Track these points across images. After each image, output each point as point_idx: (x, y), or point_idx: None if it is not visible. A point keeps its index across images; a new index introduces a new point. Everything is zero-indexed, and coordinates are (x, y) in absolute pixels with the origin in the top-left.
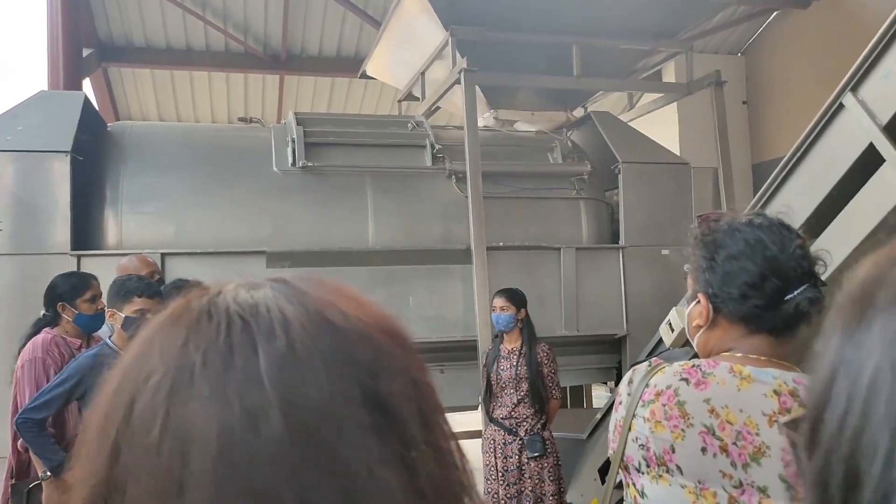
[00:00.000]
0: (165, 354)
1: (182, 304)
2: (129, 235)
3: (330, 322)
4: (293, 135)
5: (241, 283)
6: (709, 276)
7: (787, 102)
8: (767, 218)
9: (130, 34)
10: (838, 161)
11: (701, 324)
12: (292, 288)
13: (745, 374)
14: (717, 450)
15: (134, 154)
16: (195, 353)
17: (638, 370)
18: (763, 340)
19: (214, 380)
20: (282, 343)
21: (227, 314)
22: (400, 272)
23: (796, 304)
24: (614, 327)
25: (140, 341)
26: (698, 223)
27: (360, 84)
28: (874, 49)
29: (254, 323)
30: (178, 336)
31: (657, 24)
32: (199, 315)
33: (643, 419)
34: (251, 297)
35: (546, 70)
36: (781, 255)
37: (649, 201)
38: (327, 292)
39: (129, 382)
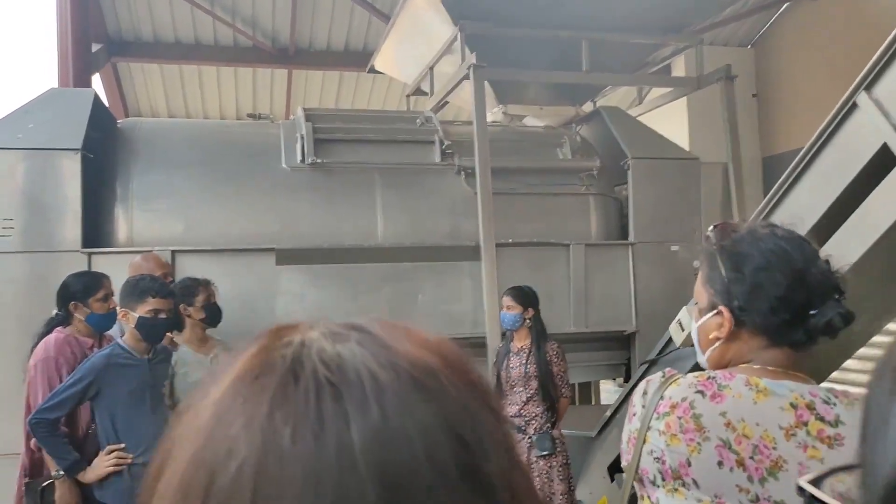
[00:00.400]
0: (249, 426)
1: (260, 355)
2: (140, 233)
3: (423, 388)
4: (302, 131)
5: (323, 330)
6: (734, 289)
7: (797, 95)
8: (786, 229)
9: (139, 29)
10: (851, 161)
11: (720, 336)
12: (377, 342)
13: (761, 386)
14: (733, 464)
15: (144, 151)
16: (283, 427)
17: (652, 381)
18: (783, 353)
19: (306, 459)
20: (376, 416)
21: (314, 378)
22: (409, 269)
23: (829, 320)
24: (623, 324)
25: (218, 401)
26: (716, 233)
27: (368, 78)
28: (889, 48)
29: (345, 390)
30: (262, 402)
31: (666, 17)
32: (285, 377)
33: (658, 432)
34: (337, 354)
35: (555, 65)
36: (808, 268)
37: (659, 197)
38: (416, 347)
39: (210, 453)
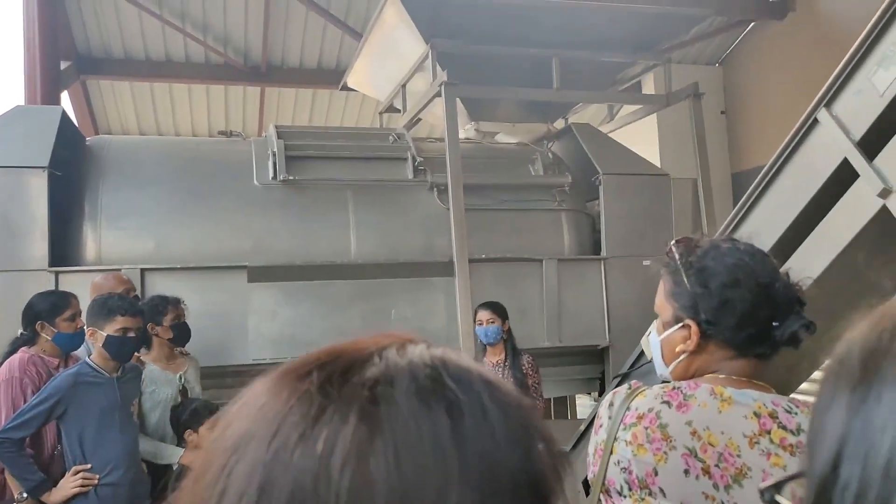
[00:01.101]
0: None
1: (297, 383)
2: (109, 251)
3: (465, 452)
4: (274, 148)
5: (416, 360)
6: (702, 304)
7: (764, 112)
8: (744, 243)
9: (109, 46)
10: (813, 176)
11: (687, 349)
12: (444, 393)
13: (725, 395)
14: (699, 472)
15: (113, 168)
16: (319, 439)
17: (618, 393)
18: (747, 363)
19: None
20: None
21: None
22: (382, 285)
23: (793, 332)
24: (597, 338)
25: (261, 399)
26: (679, 247)
27: (341, 96)
28: (847, 65)
29: (467, 411)
30: (313, 405)
31: (635, 36)
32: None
33: (625, 442)
34: (390, 393)
35: (526, 82)
36: (772, 283)
37: (630, 212)
38: (486, 404)
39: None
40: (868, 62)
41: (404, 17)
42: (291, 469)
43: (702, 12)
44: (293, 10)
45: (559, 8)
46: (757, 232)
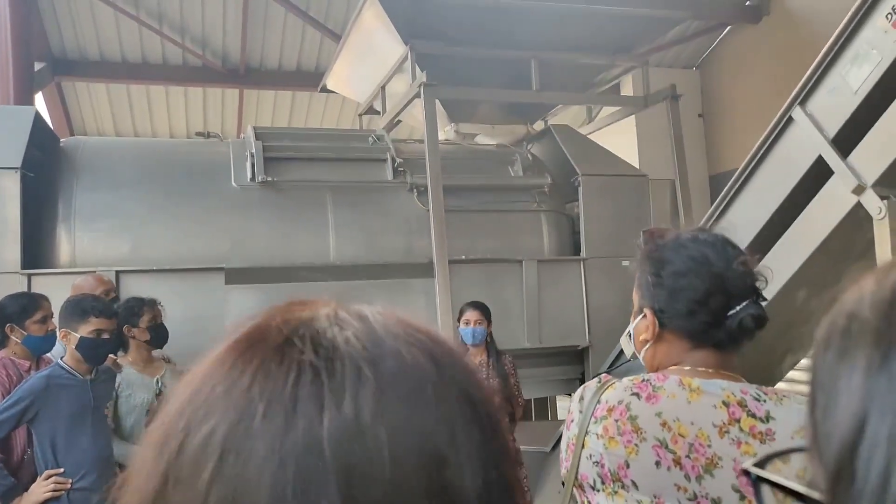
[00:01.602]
0: (228, 394)
1: (261, 325)
2: (83, 253)
3: (406, 395)
4: (252, 149)
5: (330, 312)
6: (655, 292)
7: (740, 114)
8: (712, 234)
9: (84, 47)
10: (789, 173)
11: (647, 338)
12: (377, 342)
13: (694, 386)
14: (670, 463)
15: (87, 170)
16: (259, 400)
17: (588, 387)
18: (709, 354)
19: (272, 437)
20: (349, 411)
21: (298, 361)
22: (362, 287)
23: (739, 321)
24: (577, 338)
25: (211, 361)
26: (644, 238)
27: (320, 98)
28: (821, 63)
29: (326, 378)
30: (246, 373)
31: (614, 39)
32: (272, 353)
33: (596, 436)
34: (332, 343)
35: (506, 84)
36: (726, 272)
37: (609, 213)
38: (415, 354)
39: (190, 411)
40: (841, 60)
41: (383, 19)
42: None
43: (678, 15)
44: (272, 11)
45: (538, 9)
46: (734, 229)
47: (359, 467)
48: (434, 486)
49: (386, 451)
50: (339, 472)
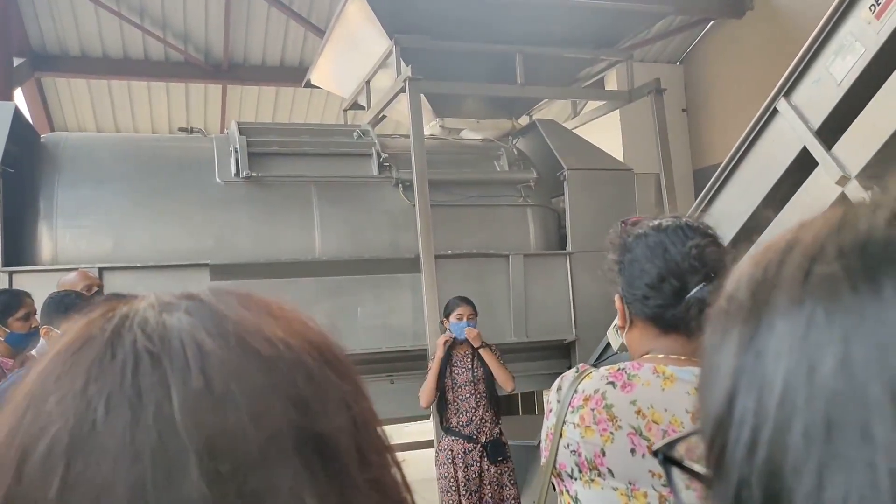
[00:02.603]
0: (63, 401)
1: (81, 333)
2: (65, 250)
3: (255, 352)
4: (236, 145)
5: (152, 301)
6: (619, 279)
7: (724, 109)
8: (677, 221)
9: (65, 43)
10: (774, 165)
11: (621, 325)
12: (210, 311)
13: (667, 373)
14: (645, 450)
15: (69, 166)
16: (97, 399)
17: (566, 377)
18: (677, 340)
19: (121, 431)
20: (198, 383)
21: (133, 350)
22: (348, 282)
23: (688, 305)
24: (563, 332)
25: (35, 377)
26: (620, 228)
27: (304, 93)
28: (805, 55)
29: (165, 360)
30: (78, 378)
31: (598, 33)
32: (101, 351)
33: (573, 425)
34: (162, 324)
35: (491, 78)
36: (679, 256)
37: (594, 207)
38: (252, 313)
39: (22, 432)
40: (825, 52)
41: (367, 13)
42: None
43: (662, 10)
44: (255, 6)
45: (522, 4)
46: (718, 222)
47: (220, 437)
48: (302, 436)
49: (245, 414)
50: (199, 448)
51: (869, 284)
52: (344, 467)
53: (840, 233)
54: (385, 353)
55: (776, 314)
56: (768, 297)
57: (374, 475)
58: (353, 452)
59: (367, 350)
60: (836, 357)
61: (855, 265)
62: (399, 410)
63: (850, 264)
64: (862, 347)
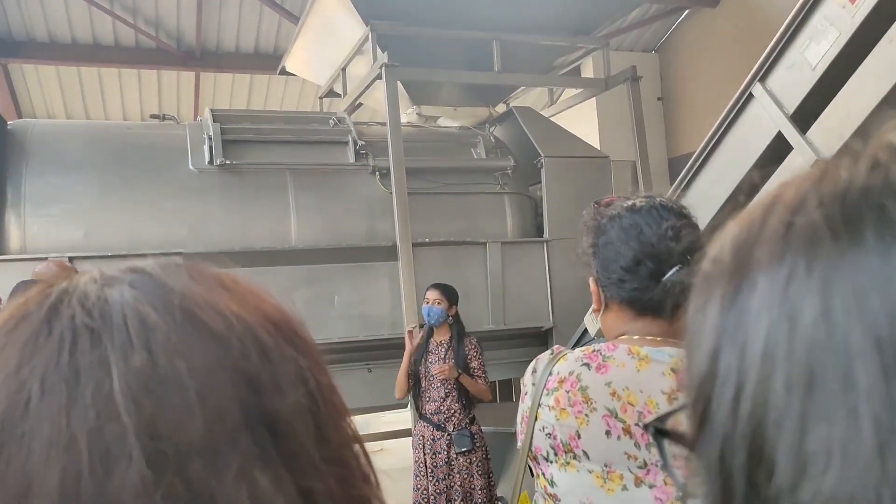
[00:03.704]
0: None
1: (18, 310)
2: (34, 239)
3: (204, 326)
4: (209, 132)
5: (94, 276)
6: (594, 262)
7: (699, 98)
8: (651, 201)
9: (32, 28)
10: (749, 149)
11: (596, 308)
12: (157, 284)
13: (642, 354)
14: (620, 432)
15: (37, 153)
16: (30, 379)
17: (541, 359)
18: (652, 322)
19: (56, 413)
20: (141, 359)
21: (71, 326)
22: (324, 271)
23: (664, 286)
24: (540, 320)
25: None
26: (593, 209)
27: (279, 81)
28: (780, 40)
29: (106, 336)
30: (11, 357)
31: (574, 20)
32: (37, 328)
33: (548, 408)
34: (104, 299)
35: (467, 66)
36: (654, 238)
37: (571, 194)
38: (203, 286)
39: None
40: (800, 37)
41: (342, 0)
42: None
43: None
44: None
45: None
46: (695, 207)
47: (163, 417)
48: (253, 413)
49: (193, 391)
50: (140, 429)
51: (849, 232)
52: (300, 445)
53: (821, 184)
54: (362, 342)
55: (758, 270)
56: (751, 254)
57: (333, 452)
58: (311, 430)
59: (345, 339)
60: (816, 307)
61: (835, 213)
62: (377, 399)
63: (830, 213)
64: (842, 295)
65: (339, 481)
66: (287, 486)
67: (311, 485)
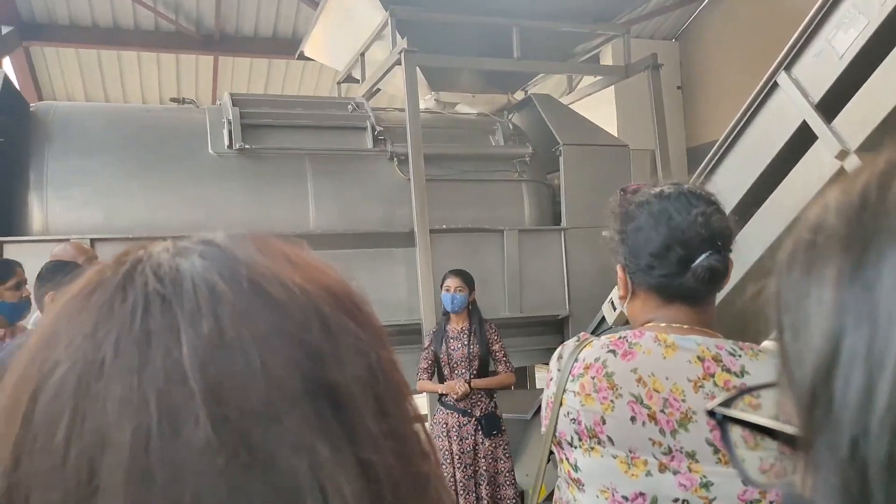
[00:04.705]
0: (72, 343)
1: (95, 276)
2: (56, 221)
3: (268, 296)
4: (229, 116)
5: (167, 246)
6: (622, 249)
7: (718, 87)
8: (679, 188)
9: (54, 11)
10: (773, 138)
11: (623, 295)
12: (226, 255)
13: (669, 342)
14: (645, 418)
15: (60, 135)
16: (105, 342)
17: (567, 346)
18: (679, 309)
19: (128, 374)
20: (209, 326)
21: (144, 293)
22: (342, 256)
23: (694, 272)
24: (557, 308)
25: (47, 323)
26: (619, 196)
27: (297, 66)
28: (807, 28)
29: (176, 303)
30: (88, 320)
31: (595, 7)
32: (112, 294)
33: (573, 393)
34: (175, 268)
35: (487, 52)
36: (685, 224)
37: (589, 183)
38: (269, 258)
39: (33, 374)
40: (827, 25)
41: None
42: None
43: None
44: None
45: None
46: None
47: (228, 382)
48: (314, 383)
49: (256, 359)
50: (207, 393)
51: None
52: (359, 416)
53: None
54: None
55: (887, 240)
56: (875, 222)
57: (391, 426)
58: (370, 402)
59: None
60: None
61: None
62: None
63: None
64: None
65: (397, 456)
66: (346, 456)
67: (370, 457)
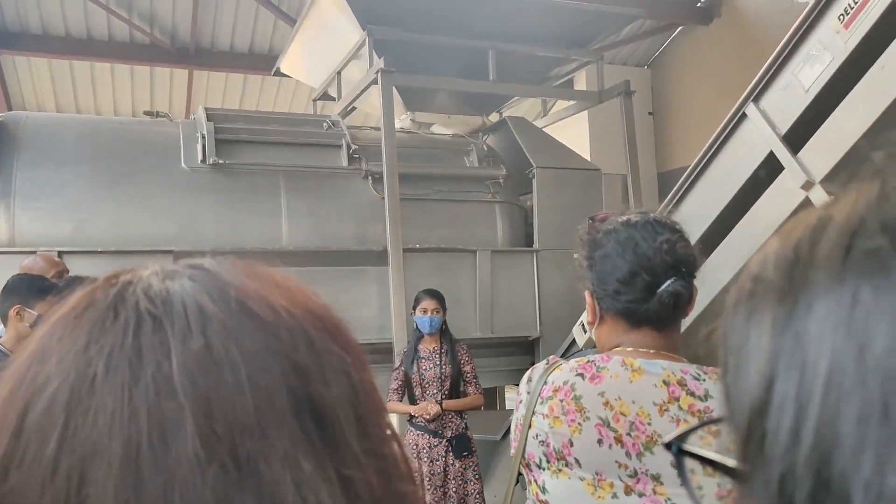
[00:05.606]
0: (64, 359)
1: (86, 296)
2: (23, 232)
3: (256, 317)
4: (203, 130)
5: (156, 270)
6: (590, 275)
7: (689, 114)
8: (645, 216)
9: (26, 20)
10: (741, 168)
11: (591, 320)
12: (214, 278)
13: (636, 366)
14: (612, 441)
15: (28, 146)
16: (98, 357)
17: (536, 368)
18: (647, 334)
19: (120, 389)
20: (198, 344)
21: (136, 312)
22: (314, 273)
23: (660, 298)
24: (528, 329)
25: (38, 340)
26: (588, 224)
27: (273, 82)
28: (774, 62)
29: (167, 322)
30: (80, 337)
31: (569, 33)
32: (104, 313)
33: (542, 416)
34: (166, 290)
35: (463, 74)
36: (650, 252)
37: (562, 205)
38: (255, 281)
39: (23, 388)
40: (794, 59)
41: (340, 3)
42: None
43: (633, 12)
44: None
45: (497, 0)
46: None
47: (217, 398)
48: (300, 400)
49: (244, 375)
50: (196, 408)
51: None
52: (342, 434)
53: (881, 206)
54: None
55: (814, 294)
56: (804, 276)
57: (372, 445)
58: (353, 421)
59: None
60: (889, 335)
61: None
62: None
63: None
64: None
65: (378, 474)
66: (329, 472)
67: (353, 474)
